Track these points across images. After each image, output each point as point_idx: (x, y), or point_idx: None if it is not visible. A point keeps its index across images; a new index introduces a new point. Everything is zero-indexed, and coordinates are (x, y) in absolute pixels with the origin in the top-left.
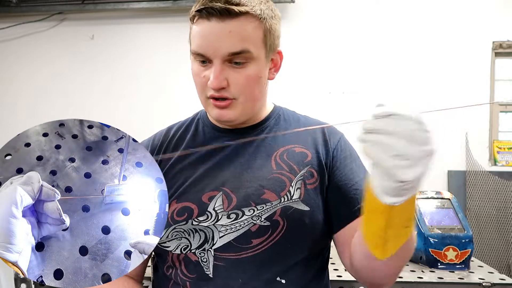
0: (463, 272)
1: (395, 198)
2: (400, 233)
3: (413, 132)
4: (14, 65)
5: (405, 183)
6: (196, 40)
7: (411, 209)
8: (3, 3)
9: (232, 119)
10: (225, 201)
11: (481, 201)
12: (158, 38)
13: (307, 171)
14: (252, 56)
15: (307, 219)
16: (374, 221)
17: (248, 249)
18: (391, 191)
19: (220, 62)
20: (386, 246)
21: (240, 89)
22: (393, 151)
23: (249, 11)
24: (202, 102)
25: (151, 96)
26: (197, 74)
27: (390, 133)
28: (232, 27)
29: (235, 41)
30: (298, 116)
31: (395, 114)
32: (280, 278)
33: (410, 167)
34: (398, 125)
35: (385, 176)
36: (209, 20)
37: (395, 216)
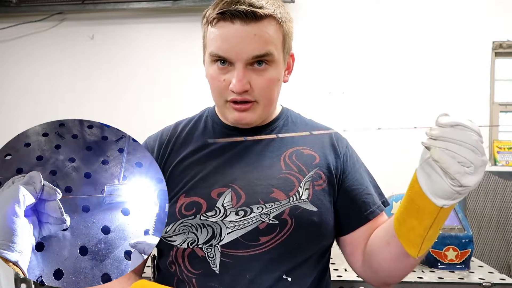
0: (463, 272)
1: (448, 201)
2: (436, 234)
3: (477, 143)
4: (14, 65)
5: (464, 188)
6: (217, 43)
7: (450, 212)
8: (3, 3)
9: (251, 122)
10: (234, 197)
11: (481, 201)
12: (158, 38)
13: (315, 172)
14: (274, 59)
15: (315, 220)
16: (418, 221)
17: (255, 246)
18: (447, 194)
19: (243, 65)
20: (422, 245)
21: (262, 92)
22: (460, 158)
23: (272, 14)
24: (219, 106)
25: (151, 96)
26: (215, 78)
27: (457, 142)
28: (257, 30)
29: (259, 44)
30: (304, 119)
31: (462, 124)
32: (286, 276)
33: (473, 174)
34: (465, 135)
35: (447, 180)
36: (233, 23)
37: (442, 218)
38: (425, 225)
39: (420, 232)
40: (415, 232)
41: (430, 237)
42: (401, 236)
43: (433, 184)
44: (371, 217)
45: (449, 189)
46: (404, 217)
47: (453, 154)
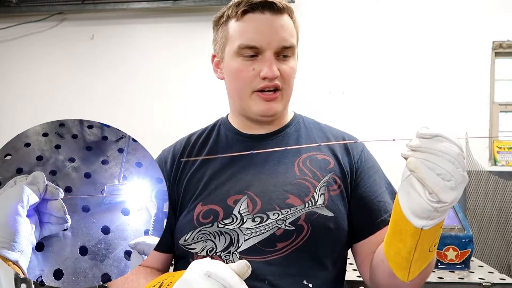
0: (463, 272)
1: (426, 221)
2: (425, 257)
3: (458, 156)
4: (14, 65)
5: (441, 204)
6: (248, 34)
7: (438, 234)
8: (3, 3)
9: (277, 112)
10: (250, 204)
11: (481, 201)
12: (158, 38)
13: (330, 177)
14: (294, 51)
15: (332, 225)
16: (402, 244)
17: (272, 252)
18: (424, 213)
19: (273, 53)
20: (410, 268)
21: (288, 80)
22: (439, 169)
23: (290, 8)
24: (243, 99)
25: (151, 96)
26: (242, 69)
27: (437, 154)
28: (283, 22)
29: (286, 35)
30: (319, 123)
31: (442, 136)
32: (307, 282)
33: (451, 189)
34: (445, 146)
35: (422, 195)
36: (263, 13)
37: (424, 240)
38: (409, 248)
39: (405, 255)
40: (401, 256)
41: (417, 260)
42: (389, 259)
43: (411, 202)
44: (382, 226)
45: (426, 205)
46: (390, 239)
47: (432, 165)
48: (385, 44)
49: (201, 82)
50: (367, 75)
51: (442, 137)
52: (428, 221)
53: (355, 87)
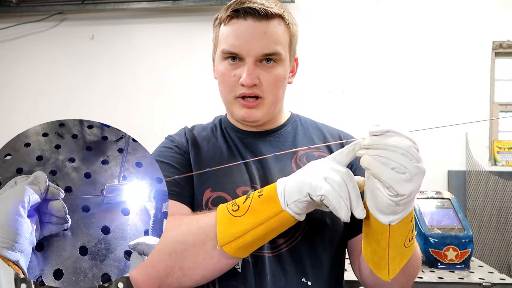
0: (463, 272)
1: (392, 216)
2: (403, 253)
3: (409, 149)
4: (14, 65)
5: (400, 197)
6: (230, 40)
7: (409, 228)
8: (3, 3)
9: (258, 119)
10: None
11: (481, 201)
12: (158, 38)
13: None
14: (281, 58)
15: (328, 220)
16: (376, 243)
17: (273, 248)
18: (388, 208)
19: (253, 61)
20: (389, 267)
21: (269, 88)
22: (392, 163)
23: (281, 14)
24: (228, 103)
25: (150, 96)
26: (226, 74)
27: (388, 148)
28: (267, 29)
29: (269, 43)
30: (316, 122)
31: (392, 131)
32: (306, 280)
33: (407, 181)
34: (395, 141)
35: (382, 191)
36: (246, 19)
37: (396, 236)
38: (383, 246)
39: (381, 254)
40: (378, 255)
41: (394, 257)
42: (368, 261)
43: (375, 199)
44: None
45: (388, 200)
46: (365, 241)
47: (385, 160)
48: (385, 44)
49: (201, 82)
50: (367, 75)
51: (392, 132)
52: (393, 216)
53: (355, 87)
